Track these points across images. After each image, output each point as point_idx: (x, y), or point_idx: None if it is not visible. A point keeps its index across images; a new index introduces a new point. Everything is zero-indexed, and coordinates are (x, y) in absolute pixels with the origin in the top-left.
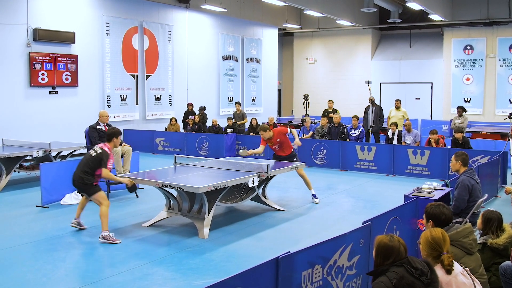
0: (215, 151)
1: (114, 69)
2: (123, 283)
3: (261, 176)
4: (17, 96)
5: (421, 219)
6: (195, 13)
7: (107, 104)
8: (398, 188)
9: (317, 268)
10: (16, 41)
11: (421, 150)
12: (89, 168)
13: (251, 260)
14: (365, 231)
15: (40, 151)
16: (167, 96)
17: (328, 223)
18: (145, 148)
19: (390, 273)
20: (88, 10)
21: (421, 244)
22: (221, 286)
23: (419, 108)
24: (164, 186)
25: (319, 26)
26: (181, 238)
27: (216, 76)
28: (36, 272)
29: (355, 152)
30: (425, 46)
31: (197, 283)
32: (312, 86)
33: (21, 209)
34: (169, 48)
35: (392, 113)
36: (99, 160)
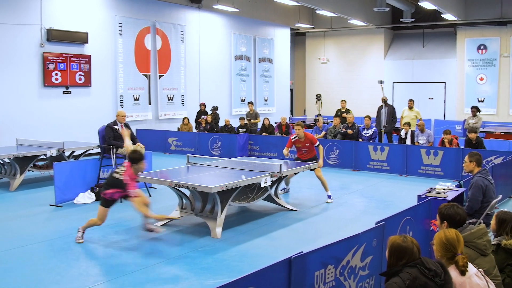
0: (228, 151)
1: (127, 69)
2: (136, 282)
3: (273, 176)
4: (30, 96)
5: (435, 220)
6: (208, 13)
7: (120, 104)
8: (411, 189)
9: (329, 268)
10: (30, 42)
11: (434, 151)
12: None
13: (263, 260)
14: (378, 232)
15: (53, 151)
16: (179, 96)
17: (341, 223)
18: (158, 148)
19: (403, 274)
20: (101, 10)
21: (435, 245)
22: (233, 286)
23: (432, 108)
24: (177, 185)
25: (332, 25)
26: (193, 238)
27: (229, 76)
28: (49, 271)
29: (368, 152)
30: (438, 45)
31: (209, 282)
32: (325, 86)
33: (35, 208)
34: (182, 48)
35: (405, 113)
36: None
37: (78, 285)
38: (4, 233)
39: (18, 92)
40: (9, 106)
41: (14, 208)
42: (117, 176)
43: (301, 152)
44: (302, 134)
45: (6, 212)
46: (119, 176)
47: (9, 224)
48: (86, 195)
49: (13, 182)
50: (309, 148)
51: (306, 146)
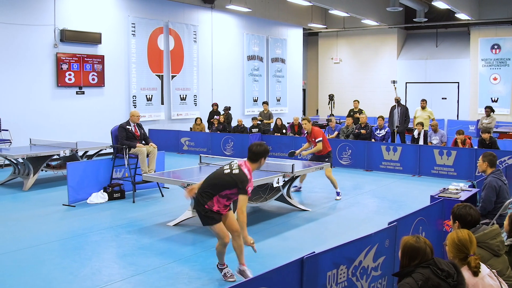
0: (240, 151)
1: (139, 69)
2: (148, 282)
3: (286, 176)
4: (44, 96)
5: (448, 220)
6: (220, 13)
7: (133, 104)
8: (424, 189)
9: (342, 268)
10: (44, 42)
11: (447, 151)
12: (211, 189)
13: (276, 260)
14: (390, 232)
15: (67, 151)
16: (192, 96)
17: (353, 223)
18: (171, 148)
19: (416, 275)
20: (114, 11)
21: (448, 246)
22: (246, 285)
23: (445, 108)
24: (189, 185)
25: (344, 25)
26: (206, 238)
27: (241, 76)
28: (62, 270)
29: (381, 152)
30: (451, 45)
31: (222, 282)
32: (337, 86)
33: (48, 208)
34: (194, 48)
35: (418, 113)
36: (232, 183)
37: (91, 285)
38: (18, 232)
39: (32, 92)
40: (23, 106)
41: (28, 207)
42: (226, 171)
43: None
44: (308, 128)
45: (19, 211)
46: (236, 171)
47: (22, 223)
48: (99, 195)
49: (26, 181)
50: (313, 142)
51: (314, 142)
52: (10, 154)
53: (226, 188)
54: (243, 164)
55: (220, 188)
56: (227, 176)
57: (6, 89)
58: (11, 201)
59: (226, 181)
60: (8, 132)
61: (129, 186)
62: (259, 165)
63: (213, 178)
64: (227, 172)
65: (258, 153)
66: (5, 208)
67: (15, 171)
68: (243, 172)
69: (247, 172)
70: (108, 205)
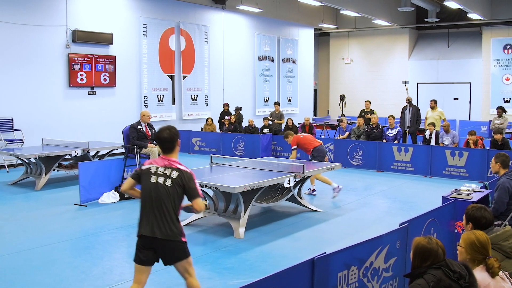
0: (251, 151)
1: (151, 69)
2: (159, 281)
3: (297, 176)
4: (56, 96)
5: (460, 222)
6: (231, 13)
7: (144, 104)
8: (436, 190)
9: (353, 269)
10: (56, 43)
11: (459, 151)
12: (173, 210)
13: (286, 260)
14: (402, 233)
15: (78, 151)
16: (203, 97)
17: (364, 224)
18: (182, 148)
19: (427, 276)
20: (125, 11)
21: (464, 247)
22: (256, 286)
23: (457, 108)
24: (200, 185)
25: (356, 26)
26: (216, 238)
27: (252, 77)
28: (74, 269)
29: (392, 153)
30: (463, 45)
31: (232, 282)
32: (349, 86)
33: (60, 207)
34: (205, 49)
35: (429, 113)
36: (181, 186)
37: (102, 284)
38: (30, 231)
39: (44, 92)
40: (35, 107)
41: (40, 207)
42: (173, 175)
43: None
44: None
45: (31, 211)
46: (175, 172)
47: (34, 222)
48: (110, 194)
49: (38, 181)
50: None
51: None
52: (22, 154)
53: (180, 202)
54: (171, 162)
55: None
56: (172, 187)
57: (18, 89)
58: (24, 201)
59: (177, 193)
60: (20, 132)
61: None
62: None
63: (160, 199)
64: (169, 184)
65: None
66: (18, 207)
67: (27, 170)
68: (185, 169)
69: (186, 168)
70: (119, 204)
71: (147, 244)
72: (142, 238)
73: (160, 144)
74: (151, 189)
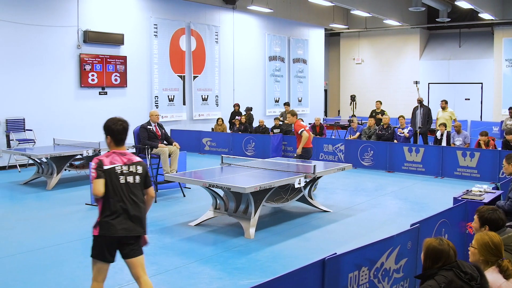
0: (262, 151)
1: (162, 70)
2: (170, 281)
3: (307, 177)
4: (67, 96)
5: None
6: (242, 14)
7: (155, 105)
8: (447, 191)
9: (363, 270)
10: (67, 43)
11: (470, 152)
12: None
13: (297, 261)
14: (413, 234)
15: (89, 150)
16: (214, 97)
17: (375, 225)
18: (192, 148)
19: (438, 277)
20: (136, 12)
21: (477, 248)
22: (267, 286)
23: (468, 109)
24: (211, 186)
25: (366, 26)
26: (227, 238)
27: (263, 77)
28: (85, 269)
29: (403, 153)
30: (474, 45)
31: (242, 282)
32: (359, 87)
33: (71, 207)
34: (216, 49)
35: (439, 114)
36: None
37: (113, 283)
38: (41, 231)
39: (56, 92)
40: (46, 107)
41: (51, 206)
42: (138, 170)
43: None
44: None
45: (43, 210)
46: (140, 167)
47: (46, 222)
48: None
49: (50, 181)
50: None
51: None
52: (34, 153)
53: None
54: (129, 157)
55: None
56: (140, 183)
57: (30, 90)
58: (35, 200)
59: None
60: (32, 132)
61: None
62: None
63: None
64: (138, 180)
65: (128, 128)
66: (29, 206)
67: (38, 170)
68: (142, 160)
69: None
70: None
71: (115, 243)
72: (114, 239)
73: (114, 136)
74: (123, 189)
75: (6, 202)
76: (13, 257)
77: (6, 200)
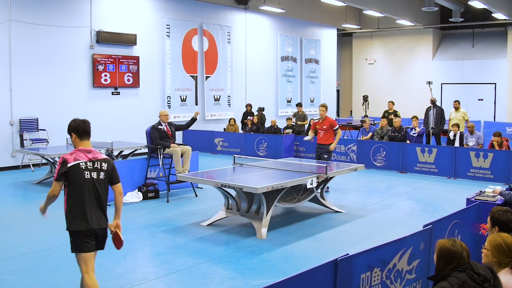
0: (274, 151)
1: (174, 70)
2: (182, 281)
3: (319, 177)
4: (80, 96)
5: (484, 224)
6: (254, 14)
7: (167, 105)
8: (460, 192)
9: (376, 271)
10: (80, 43)
11: (484, 153)
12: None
13: (309, 261)
14: (425, 235)
15: (102, 150)
16: (226, 97)
17: (387, 225)
18: (204, 148)
19: (451, 278)
20: (149, 12)
21: (490, 250)
22: (279, 287)
23: (482, 109)
24: (223, 186)
25: (379, 26)
26: (239, 238)
27: (275, 77)
28: (98, 268)
29: (415, 154)
30: (488, 45)
31: (254, 283)
32: (372, 87)
33: None
34: (228, 49)
35: (452, 114)
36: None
37: (125, 283)
38: (54, 230)
39: (69, 92)
40: (59, 107)
41: (63, 206)
42: (104, 166)
43: (319, 135)
44: (323, 115)
45: (55, 210)
46: (105, 164)
47: (59, 221)
48: (133, 194)
49: None
50: (326, 131)
51: (323, 128)
52: (47, 153)
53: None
54: (94, 154)
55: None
56: (105, 179)
57: (43, 90)
58: None
59: (107, 183)
60: (45, 131)
61: (164, 186)
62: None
63: (98, 191)
64: (103, 177)
65: (86, 125)
66: None
67: (52, 170)
68: (108, 158)
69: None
70: (142, 204)
71: (92, 234)
72: (89, 231)
73: (78, 132)
74: (88, 185)
75: (19, 201)
76: (25, 256)
77: (19, 199)
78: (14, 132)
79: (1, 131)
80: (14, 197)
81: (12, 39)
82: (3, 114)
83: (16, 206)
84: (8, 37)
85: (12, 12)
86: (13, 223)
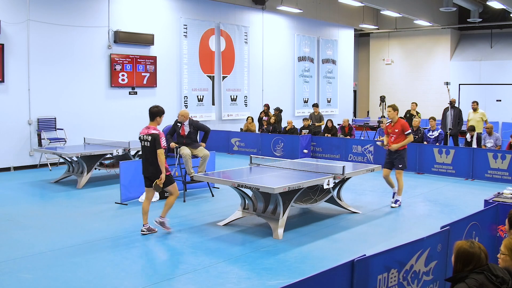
0: (290, 152)
1: (191, 70)
2: (198, 280)
3: (336, 177)
4: (98, 96)
5: (502, 226)
6: (271, 14)
7: (184, 105)
8: (478, 193)
9: (393, 272)
10: (98, 43)
11: (502, 154)
12: (155, 158)
13: (325, 262)
14: (443, 236)
15: (119, 150)
16: (242, 97)
17: (404, 227)
18: (221, 148)
19: (469, 280)
20: (166, 12)
21: (509, 254)
22: (295, 287)
23: (500, 110)
24: (239, 186)
25: (396, 26)
26: (255, 238)
27: (292, 77)
28: (115, 267)
29: (433, 155)
30: (506, 46)
31: (271, 283)
32: (389, 87)
33: (101, 206)
34: (245, 49)
35: (470, 115)
36: (154, 145)
37: (142, 282)
38: (72, 229)
39: (86, 92)
40: (77, 106)
41: (81, 205)
42: (147, 144)
43: (391, 139)
44: (393, 115)
45: (73, 208)
46: (149, 137)
47: (76, 220)
48: None
49: (80, 179)
50: (398, 136)
51: (395, 132)
52: (65, 152)
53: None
54: (150, 128)
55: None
56: (150, 147)
57: (61, 89)
58: (65, 198)
59: (152, 149)
60: (63, 131)
61: (180, 186)
62: (157, 123)
63: (148, 156)
64: (147, 144)
65: (153, 112)
66: (60, 205)
67: (69, 169)
68: (152, 133)
69: (155, 131)
70: (159, 204)
71: (146, 178)
72: (145, 176)
73: (149, 114)
74: (144, 149)
75: (37, 200)
76: (44, 254)
77: (37, 198)
78: (32, 131)
79: (19, 130)
80: (31, 196)
81: (30, 39)
82: (22, 114)
83: (34, 204)
84: (27, 37)
85: (31, 12)
86: (30, 222)
